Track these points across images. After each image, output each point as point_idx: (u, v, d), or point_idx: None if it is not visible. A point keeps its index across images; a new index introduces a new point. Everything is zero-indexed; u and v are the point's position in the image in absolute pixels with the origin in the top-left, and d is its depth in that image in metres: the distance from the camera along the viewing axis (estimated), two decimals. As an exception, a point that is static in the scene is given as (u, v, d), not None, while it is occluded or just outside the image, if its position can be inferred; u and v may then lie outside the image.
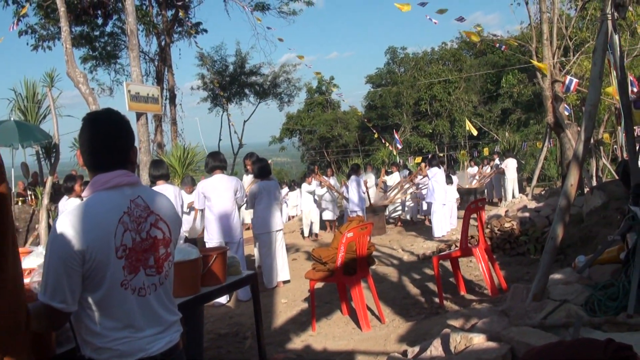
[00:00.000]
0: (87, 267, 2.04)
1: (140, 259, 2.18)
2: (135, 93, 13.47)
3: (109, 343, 2.08)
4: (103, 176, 2.18)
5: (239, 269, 4.43)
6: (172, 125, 23.35)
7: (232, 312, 7.20)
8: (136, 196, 2.23)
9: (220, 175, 7.60)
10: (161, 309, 2.25)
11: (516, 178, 18.50)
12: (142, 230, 2.19)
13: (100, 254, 2.05)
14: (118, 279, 2.10)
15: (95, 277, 2.06)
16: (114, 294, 2.09)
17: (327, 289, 7.83)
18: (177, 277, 3.43)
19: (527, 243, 8.75)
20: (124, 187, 2.21)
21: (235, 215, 7.65)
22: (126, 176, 2.22)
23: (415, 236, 13.25)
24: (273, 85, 34.10)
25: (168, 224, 2.32)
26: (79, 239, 2.01)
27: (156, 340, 2.19)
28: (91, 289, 2.07)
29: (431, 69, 41.58)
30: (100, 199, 2.15)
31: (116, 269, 2.09)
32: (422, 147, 39.05)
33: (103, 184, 2.17)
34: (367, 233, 6.32)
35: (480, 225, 7.23)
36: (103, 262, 2.06)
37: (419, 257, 9.94)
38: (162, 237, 2.28)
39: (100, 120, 2.27)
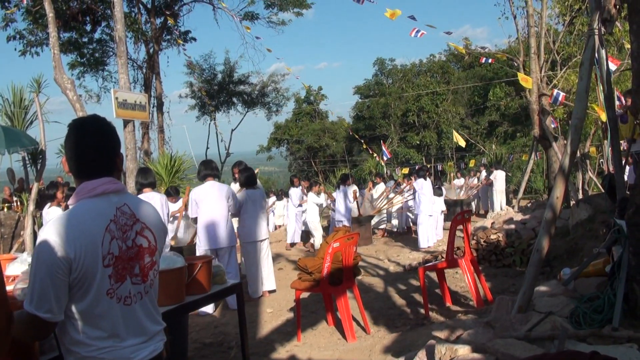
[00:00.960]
0: (74, 276, 2.02)
1: (126, 267, 2.16)
2: (122, 100, 13.42)
3: (93, 352, 2.06)
4: (89, 184, 2.16)
5: (224, 278, 4.40)
6: (160, 133, 23.27)
7: (217, 321, 7.15)
8: (122, 204, 2.22)
9: (212, 182, 7.63)
10: (146, 318, 2.24)
11: (504, 190, 18.62)
12: (127, 239, 2.18)
13: (88, 263, 2.03)
14: (104, 287, 2.08)
15: (82, 286, 2.04)
16: (100, 303, 2.07)
17: (313, 299, 7.80)
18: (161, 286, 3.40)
19: (512, 255, 8.78)
20: (110, 195, 2.19)
21: (227, 223, 7.62)
22: (112, 183, 2.21)
23: (402, 247, 13.26)
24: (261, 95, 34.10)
25: (153, 232, 2.31)
26: (66, 247, 1.99)
27: (140, 350, 2.17)
28: (77, 298, 2.05)
29: (419, 80, 41.78)
30: (86, 206, 2.12)
31: (103, 277, 2.07)
32: (410, 158, 39.15)
33: (89, 191, 2.15)
34: (354, 243, 6.30)
35: (466, 236, 7.24)
36: (90, 271, 2.04)
37: (405, 268, 9.93)
38: (148, 245, 2.27)
39: (87, 126, 2.25)
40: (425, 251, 11.86)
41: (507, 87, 34.96)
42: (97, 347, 2.06)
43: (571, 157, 4.57)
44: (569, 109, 15.74)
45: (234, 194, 7.85)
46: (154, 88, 23.31)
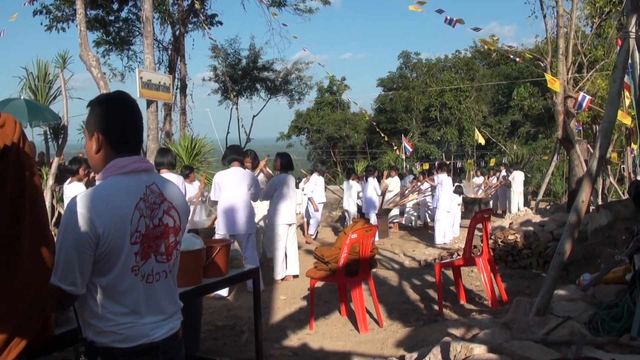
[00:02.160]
0: (100, 251, 2.01)
1: (152, 245, 2.16)
2: (146, 80, 13.48)
3: (113, 327, 2.07)
4: (121, 160, 2.15)
5: (241, 262, 4.40)
6: (182, 115, 23.34)
7: (230, 304, 7.17)
8: (151, 182, 2.21)
9: (237, 167, 7.62)
10: (166, 297, 2.24)
11: (522, 191, 18.46)
12: (155, 217, 2.18)
13: (115, 239, 2.03)
14: (130, 264, 2.08)
15: (108, 261, 2.04)
16: (124, 279, 2.08)
17: (327, 289, 7.80)
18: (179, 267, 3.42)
19: (529, 257, 8.71)
20: (140, 173, 2.18)
21: (247, 209, 7.59)
22: (143, 162, 2.21)
23: (417, 242, 13.20)
24: (284, 82, 34.05)
25: (179, 212, 2.31)
26: (95, 222, 1.98)
27: (159, 327, 2.18)
28: (101, 273, 2.05)
29: (443, 76, 41.47)
30: (117, 183, 2.11)
31: (129, 254, 2.07)
32: (429, 154, 38.93)
33: (120, 168, 2.13)
34: (371, 236, 6.29)
35: (485, 235, 7.18)
36: (117, 247, 2.04)
37: (420, 264, 9.90)
38: (173, 224, 2.27)
39: (121, 102, 2.24)
40: (441, 247, 11.80)
41: (531, 87, 34.55)
42: (117, 322, 2.07)
43: (599, 161, 4.49)
44: (594, 113, 15.53)
45: (257, 181, 7.84)
46: (178, 70, 23.36)
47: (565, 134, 12.36)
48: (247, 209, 7.60)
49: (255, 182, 7.75)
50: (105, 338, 2.07)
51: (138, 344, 2.10)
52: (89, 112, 2.20)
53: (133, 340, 2.10)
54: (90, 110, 2.20)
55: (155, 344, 2.15)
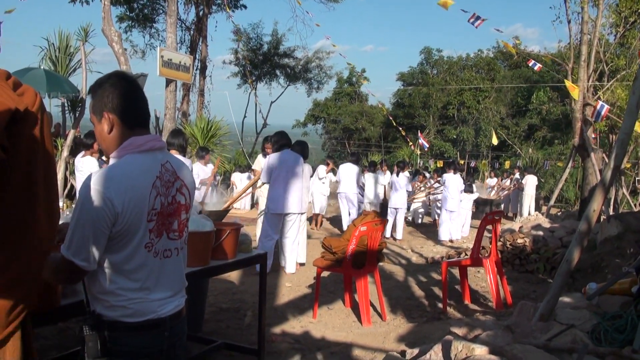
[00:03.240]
0: (117, 229, 2.04)
1: (165, 223, 2.19)
2: (167, 59, 13.52)
3: (122, 302, 2.10)
4: (138, 139, 2.17)
5: (249, 247, 4.43)
6: (200, 96, 23.42)
7: (235, 287, 7.22)
8: (165, 161, 2.24)
9: (288, 150, 8.02)
10: (175, 274, 2.29)
11: (534, 195, 18.35)
12: (169, 195, 2.21)
13: (133, 217, 2.06)
14: (144, 241, 2.12)
15: (123, 239, 2.07)
16: (137, 255, 2.11)
17: (333, 279, 7.82)
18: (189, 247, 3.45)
19: (537, 261, 8.67)
20: (155, 152, 2.21)
21: (302, 189, 8.05)
22: (158, 141, 2.24)
23: (426, 239, 13.19)
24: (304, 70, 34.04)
25: (189, 190, 2.35)
26: (114, 200, 2.00)
27: (166, 304, 2.22)
28: (115, 249, 2.08)
29: (464, 74, 41.20)
30: (135, 161, 2.13)
31: (144, 232, 2.11)
32: (444, 152, 38.77)
33: (138, 146, 2.15)
34: (381, 229, 6.30)
35: (494, 237, 7.16)
36: (134, 225, 2.07)
37: (428, 261, 9.89)
38: (185, 202, 2.31)
39: (134, 81, 2.27)
40: (450, 246, 11.78)
41: (551, 91, 34.25)
42: (127, 297, 2.10)
43: (614, 172, 4.45)
44: (611, 122, 15.37)
45: (309, 169, 8.36)
46: (200, 51, 23.42)
47: (582, 141, 12.26)
48: (301, 190, 8.05)
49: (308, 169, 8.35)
50: (114, 312, 2.10)
51: (146, 319, 2.14)
52: (93, 97, 2.20)
53: (141, 315, 2.13)
54: (93, 95, 2.20)
55: (162, 320, 2.19)
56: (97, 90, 2.19)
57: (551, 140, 36.34)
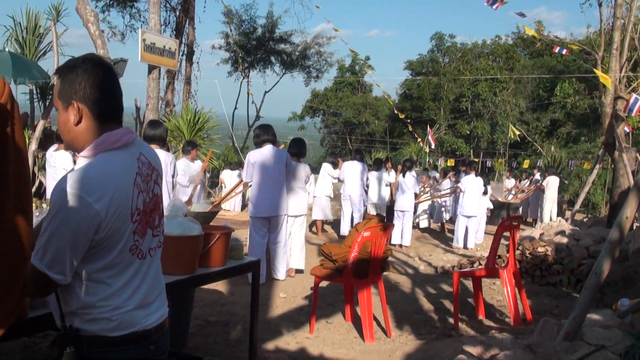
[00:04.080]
0: (99, 237, 2.01)
1: (148, 220, 2.20)
2: (150, 43, 13.49)
3: (105, 314, 2.07)
4: (113, 134, 2.12)
5: (241, 253, 4.40)
6: (186, 84, 23.39)
7: (224, 299, 7.20)
8: (139, 153, 2.22)
9: (270, 146, 8.00)
10: (158, 275, 2.32)
11: (556, 199, 18.31)
12: (149, 190, 2.21)
13: (117, 222, 2.03)
14: (128, 244, 2.10)
15: (106, 245, 2.04)
16: (121, 261, 2.09)
17: (332, 290, 7.80)
18: (174, 253, 3.42)
19: (560, 273, 8.65)
20: (129, 146, 2.18)
21: (283, 190, 8.06)
22: (131, 133, 2.20)
23: (435, 246, 13.19)
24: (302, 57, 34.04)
25: (161, 176, 2.37)
26: (96, 206, 1.96)
27: (152, 313, 2.21)
28: (96, 258, 2.05)
29: (479, 63, 41.27)
30: (112, 159, 2.10)
31: (129, 235, 2.09)
32: (456, 149, 38.85)
33: (113, 143, 2.11)
34: (386, 235, 6.27)
35: (512, 245, 7.14)
36: (118, 230, 2.05)
37: (437, 270, 9.89)
38: (160, 192, 2.33)
39: (109, 67, 2.21)
40: (462, 254, 11.78)
41: (577, 83, 34.26)
42: (110, 308, 2.07)
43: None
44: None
45: (290, 160, 8.26)
46: (186, 34, 23.38)
47: (612, 138, 12.23)
48: (283, 190, 8.12)
49: (290, 162, 8.25)
50: (95, 325, 2.06)
51: (130, 332, 2.12)
52: (61, 79, 2.13)
53: (125, 327, 2.10)
54: (62, 78, 2.13)
55: (147, 332, 2.17)
56: (68, 73, 2.12)
57: (577, 138, 36.36)
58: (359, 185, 12.79)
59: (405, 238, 12.66)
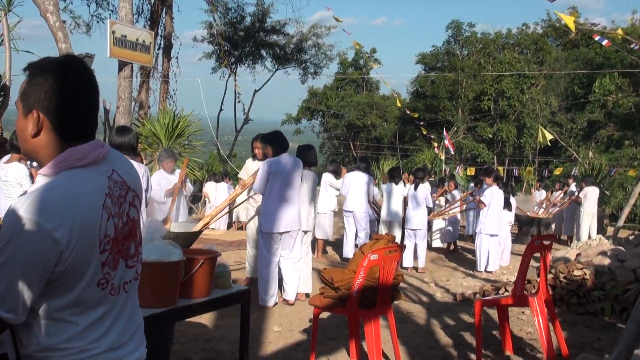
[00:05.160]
0: (60, 269, 1.96)
1: (121, 249, 2.17)
2: (121, 36, 13.53)
3: (70, 357, 2.04)
4: (78, 150, 2.08)
5: (228, 281, 4.42)
6: (163, 83, 23.45)
7: (209, 333, 7.20)
8: (111, 171, 2.18)
9: (286, 154, 8.34)
10: (135, 312, 2.30)
11: (596, 213, 18.24)
12: (122, 214, 2.18)
13: (82, 252, 1.99)
14: (96, 278, 2.06)
15: (68, 280, 2.00)
16: (88, 297, 2.06)
17: (334, 322, 7.80)
18: (150, 282, 3.43)
19: (601, 300, 8.66)
20: (99, 163, 2.14)
21: (298, 202, 8.45)
22: (101, 147, 2.16)
23: (453, 269, 13.19)
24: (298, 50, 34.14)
25: (139, 198, 2.34)
26: (55, 235, 1.92)
27: (127, 355, 2.20)
28: (58, 294, 2.01)
29: (503, 56, 41.37)
30: (77, 178, 2.06)
31: (96, 267, 2.06)
32: (477, 155, 38.89)
33: (79, 160, 2.07)
34: (397, 258, 6.27)
35: (543, 268, 7.14)
36: (83, 261, 2.01)
37: (456, 298, 9.89)
38: (138, 216, 2.31)
39: (81, 71, 2.15)
40: (485, 279, 11.78)
41: (619, 78, 34.33)
42: (75, 351, 2.05)
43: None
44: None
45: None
46: (163, 25, 23.46)
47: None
48: (297, 203, 8.46)
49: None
50: None
51: None
52: (28, 79, 2.08)
53: None
54: (30, 78, 2.09)
55: None
56: (37, 75, 2.07)
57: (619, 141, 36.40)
58: (363, 200, 12.74)
59: (420, 259, 12.68)
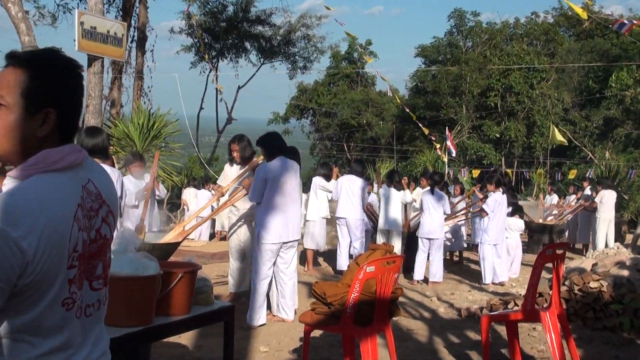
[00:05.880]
0: (24, 283, 1.94)
1: (88, 268, 2.15)
2: (90, 27, 13.51)
3: None
4: (53, 152, 2.08)
5: (210, 297, 4.41)
6: (137, 79, 23.40)
7: (189, 355, 7.19)
8: (87, 180, 2.17)
9: (282, 157, 8.35)
10: (101, 337, 2.27)
11: (613, 219, 18.24)
12: (92, 228, 2.16)
13: (50, 263, 1.97)
14: (62, 296, 2.04)
15: (32, 295, 1.98)
16: (51, 317, 2.03)
17: (327, 341, 7.80)
18: (124, 299, 3.42)
19: (620, 314, 8.68)
20: (76, 168, 2.14)
21: (299, 211, 8.63)
22: (78, 152, 2.16)
23: (458, 282, 13.20)
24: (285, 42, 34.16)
25: (115, 216, 2.32)
26: (22, 244, 1.90)
27: None
28: (20, 310, 1.99)
29: (511, 48, 41.44)
30: (49, 183, 2.04)
31: (63, 283, 2.03)
32: (483, 157, 38.91)
33: (53, 163, 2.06)
34: (395, 270, 6.28)
35: (555, 280, 7.16)
36: (50, 275, 1.99)
37: (461, 313, 9.89)
38: (110, 235, 2.28)
39: (70, 67, 2.17)
40: (492, 292, 11.80)
41: (638, 71, 34.40)
42: None
43: None
44: None
45: None
46: (136, 15, 23.45)
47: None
48: (299, 211, 8.69)
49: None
50: None
51: None
52: (31, 74, 2.07)
53: None
54: (32, 73, 2.08)
55: None
56: (43, 70, 2.10)
57: (638, 141, 36.47)
58: (358, 206, 12.67)
59: (436, 273, 12.71)
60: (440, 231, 12.79)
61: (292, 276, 8.56)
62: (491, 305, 9.60)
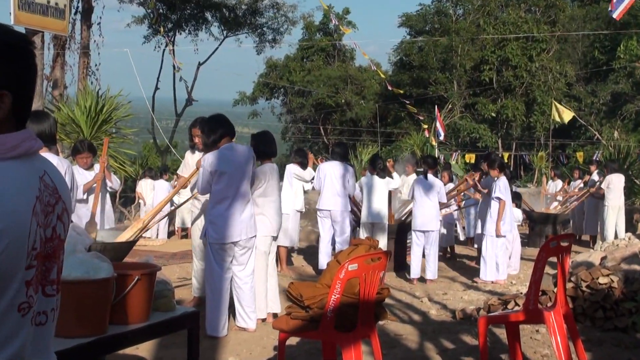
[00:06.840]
0: None
1: (42, 270, 2.13)
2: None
3: None
4: (8, 137, 2.06)
5: (171, 302, 4.40)
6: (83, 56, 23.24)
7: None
8: (43, 172, 2.16)
9: (232, 144, 8.17)
10: (49, 351, 2.26)
11: (623, 206, 18.24)
12: (48, 226, 2.14)
13: (9, 261, 1.96)
14: (18, 300, 2.02)
15: None
16: (6, 323, 2.02)
17: (305, 348, 7.82)
18: (73, 305, 3.41)
19: (633, 313, 8.74)
20: (32, 158, 2.14)
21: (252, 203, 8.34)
22: (34, 139, 2.14)
23: (451, 280, 13.25)
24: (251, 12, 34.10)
25: (69, 215, 2.31)
26: None
27: None
28: None
29: (507, 15, 41.54)
30: (9, 173, 2.03)
31: (20, 285, 2.02)
32: (477, 139, 38.99)
33: (12, 148, 2.05)
34: (381, 268, 6.28)
35: (560, 276, 7.20)
36: (8, 274, 1.98)
37: (455, 315, 9.93)
38: (64, 235, 2.27)
39: (26, 46, 2.15)
40: (490, 291, 11.84)
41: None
42: None
43: None
44: None
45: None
46: (81, -17, 23.28)
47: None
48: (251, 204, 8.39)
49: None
50: None
51: None
52: None
53: None
54: None
55: None
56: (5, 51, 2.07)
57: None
58: (342, 196, 12.57)
59: (430, 269, 12.77)
60: (435, 222, 12.77)
61: (247, 280, 8.37)
62: (489, 305, 9.64)
